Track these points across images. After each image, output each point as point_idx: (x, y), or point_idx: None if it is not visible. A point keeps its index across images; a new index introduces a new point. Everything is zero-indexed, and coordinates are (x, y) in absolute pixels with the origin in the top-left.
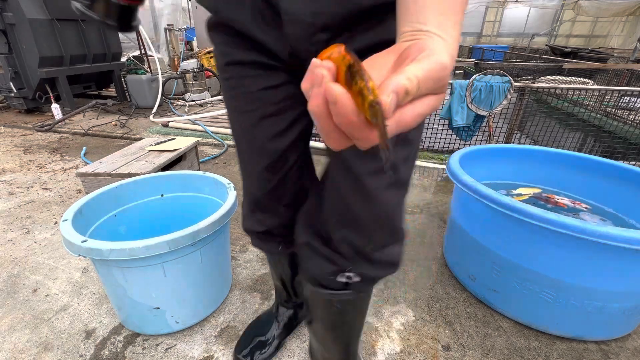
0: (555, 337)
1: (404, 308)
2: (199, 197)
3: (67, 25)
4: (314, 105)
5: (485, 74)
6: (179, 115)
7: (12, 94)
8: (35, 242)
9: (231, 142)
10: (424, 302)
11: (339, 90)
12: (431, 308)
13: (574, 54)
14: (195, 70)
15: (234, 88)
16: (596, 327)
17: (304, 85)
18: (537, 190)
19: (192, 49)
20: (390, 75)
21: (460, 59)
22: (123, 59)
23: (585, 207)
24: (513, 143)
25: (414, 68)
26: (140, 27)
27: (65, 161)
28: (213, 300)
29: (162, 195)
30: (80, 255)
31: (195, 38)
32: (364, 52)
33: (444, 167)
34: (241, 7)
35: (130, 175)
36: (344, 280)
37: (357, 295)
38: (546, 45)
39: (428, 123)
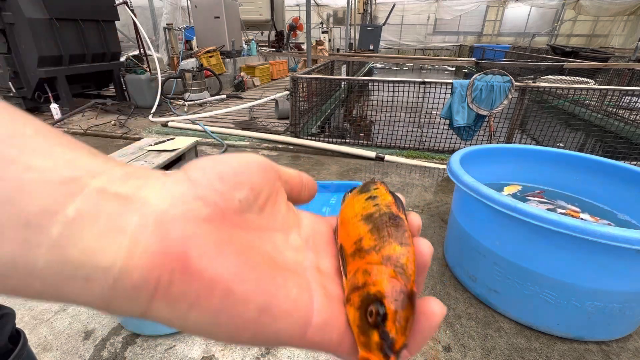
0: (556, 338)
1: None
2: None
3: (66, 25)
4: None
5: (486, 74)
6: (178, 115)
7: (11, 94)
8: None
9: (230, 142)
10: None
11: None
12: None
13: (574, 53)
14: (195, 69)
15: None
16: (597, 327)
17: None
18: (519, 188)
19: (191, 49)
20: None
21: (461, 58)
22: (122, 59)
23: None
24: (514, 143)
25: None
26: (140, 27)
27: None
28: None
29: None
30: None
31: (194, 37)
32: None
33: (445, 167)
34: None
35: None
36: None
37: None
38: (547, 44)
39: (429, 123)
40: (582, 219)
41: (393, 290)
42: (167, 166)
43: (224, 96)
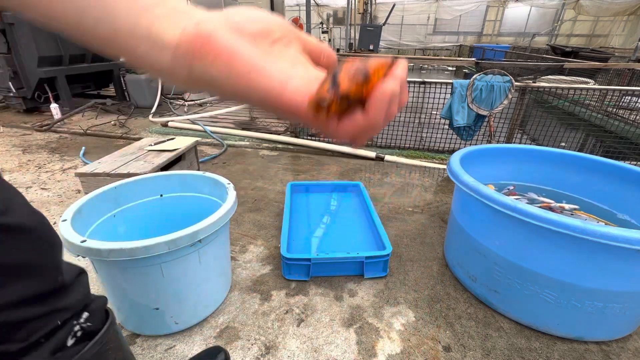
0: (556, 338)
1: (405, 309)
2: (198, 197)
3: None
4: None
5: (486, 74)
6: (178, 115)
7: (11, 94)
8: None
9: (230, 142)
10: (425, 302)
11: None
12: (432, 309)
13: (574, 53)
14: None
15: None
16: (597, 327)
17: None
18: (493, 188)
19: None
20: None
21: (461, 58)
22: (122, 59)
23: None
24: (514, 143)
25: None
26: None
27: (64, 161)
28: (212, 301)
29: (161, 196)
30: (79, 255)
31: None
32: None
33: (445, 167)
34: None
35: (129, 175)
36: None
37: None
38: (547, 44)
39: (429, 123)
40: (552, 208)
41: (354, 66)
42: (167, 166)
43: None
